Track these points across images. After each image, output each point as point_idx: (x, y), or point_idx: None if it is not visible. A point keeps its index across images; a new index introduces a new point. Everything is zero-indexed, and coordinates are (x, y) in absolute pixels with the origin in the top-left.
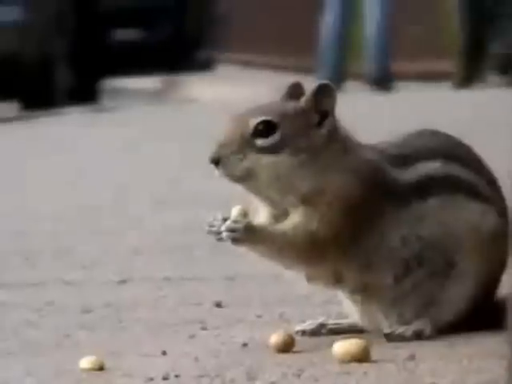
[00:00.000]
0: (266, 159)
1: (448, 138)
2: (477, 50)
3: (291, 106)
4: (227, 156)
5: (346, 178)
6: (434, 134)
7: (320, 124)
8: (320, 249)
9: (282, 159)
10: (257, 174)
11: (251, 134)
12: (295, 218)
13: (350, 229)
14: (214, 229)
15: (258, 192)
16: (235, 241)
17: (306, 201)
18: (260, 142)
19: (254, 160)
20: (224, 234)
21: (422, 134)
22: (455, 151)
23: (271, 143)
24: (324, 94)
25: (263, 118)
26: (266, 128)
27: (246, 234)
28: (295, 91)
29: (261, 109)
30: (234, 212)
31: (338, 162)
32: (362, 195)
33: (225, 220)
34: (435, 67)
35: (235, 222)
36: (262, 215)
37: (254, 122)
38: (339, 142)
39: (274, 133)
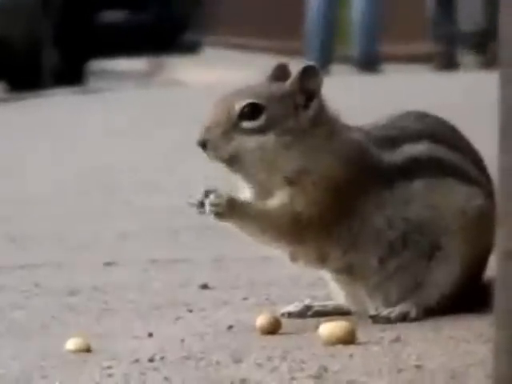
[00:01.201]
0: (253, 141)
1: (434, 119)
2: (449, 31)
3: (277, 87)
4: (214, 139)
5: (331, 158)
6: (420, 115)
7: (306, 106)
8: (304, 228)
9: (268, 141)
10: (243, 155)
11: (237, 117)
12: (280, 198)
13: (334, 209)
14: (196, 202)
15: (244, 174)
16: (217, 215)
17: (292, 182)
18: (246, 124)
19: (240, 142)
20: (207, 208)
21: (408, 115)
22: (441, 133)
23: (257, 125)
24: (309, 76)
25: (249, 100)
26: (252, 110)
27: (229, 209)
28: (281, 73)
29: (246, 91)
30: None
31: (324, 143)
32: (348, 176)
33: (207, 193)
34: (422, 49)
35: (218, 196)
36: (246, 196)
37: (240, 104)
38: (325, 123)
39: (260, 115)
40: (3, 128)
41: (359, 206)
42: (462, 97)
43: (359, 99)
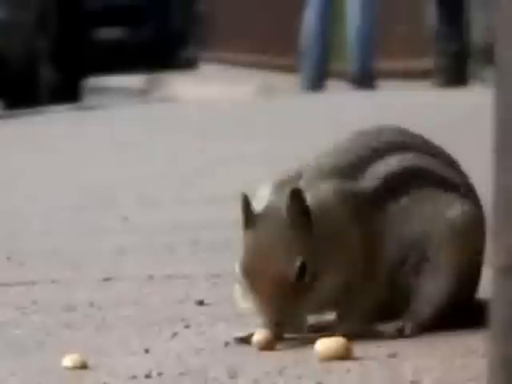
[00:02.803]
0: (315, 296)
1: (392, 130)
2: (455, 45)
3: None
4: (288, 318)
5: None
6: (377, 130)
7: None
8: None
9: (324, 287)
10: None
11: (296, 279)
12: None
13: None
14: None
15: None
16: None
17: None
18: (303, 283)
19: (308, 305)
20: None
21: (363, 133)
22: (405, 142)
23: (309, 278)
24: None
25: (299, 260)
26: (302, 268)
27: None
28: (298, 201)
29: (285, 246)
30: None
31: (335, 236)
32: (357, 234)
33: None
34: (420, 66)
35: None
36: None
37: (296, 265)
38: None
39: (306, 268)
40: (0, 144)
41: (365, 239)
42: (464, 114)
43: (355, 115)
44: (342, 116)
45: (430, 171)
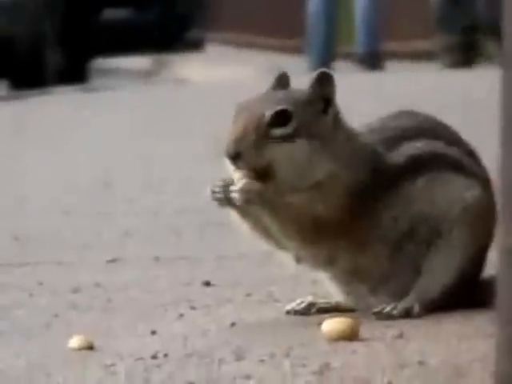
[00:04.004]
0: (285, 148)
1: (425, 117)
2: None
3: (299, 94)
4: (247, 149)
5: (353, 163)
6: (411, 114)
7: (325, 111)
8: (323, 229)
9: (301, 147)
10: (277, 163)
11: (268, 125)
12: (307, 197)
13: (353, 211)
14: (219, 194)
15: (275, 182)
16: (246, 202)
17: (321, 185)
18: (278, 131)
19: (273, 150)
20: (236, 194)
21: (399, 115)
22: (435, 129)
23: (287, 132)
24: (325, 82)
25: (279, 107)
26: (282, 117)
27: (259, 197)
28: (282, 81)
29: (271, 98)
30: (237, 176)
31: (345, 147)
32: (365, 180)
33: (226, 186)
34: (426, 47)
35: (249, 183)
36: None
37: (270, 111)
38: (342, 127)
39: (290, 121)
40: (6, 126)
41: (369, 207)
42: (472, 94)
43: (363, 97)
44: (349, 97)
45: (451, 158)
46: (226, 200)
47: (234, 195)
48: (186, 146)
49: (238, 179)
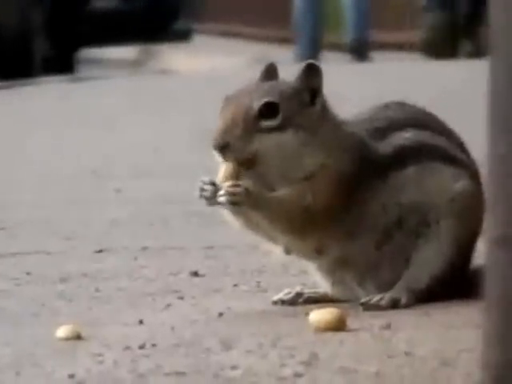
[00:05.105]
0: (273, 139)
1: (414, 108)
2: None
3: (286, 85)
4: (234, 140)
5: (341, 153)
6: (400, 105)
7: (312, 102)
8: (312, 221)
9: (288, 138)
10: (265, 154)
11: (256, 116)
12: (295, 190)
13: (340, 202)
14: (207, 193)
15: (263, 173)
16: (234, 204)
17: (309, 176)
18: (265, 123)
19: (261, 141)
20: (223, 198)
21: (388, 106)
22: (423, 119)
23: (276, 124)
24: (312, 73)
25: (266, 99)
26: (269, 109)
27: (246, 198)
28: (270, 72)
29: (259, 90)
30: (222, 174)
31: (333, 137)
32: (353, 169)
33: (214, 185)
34: (412, 37)
35: (235, 185)
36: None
37: (258, 103)
38: (330, 118)
39: (277, 113)
40: None
41: (358, 196)
42: (456, 85)
43: (350, 86)
44: (338, 87)
45: (440, 148)
46: (214, 199)
47: (221, 199)
48: (174, 136)
49: (224, 180)
